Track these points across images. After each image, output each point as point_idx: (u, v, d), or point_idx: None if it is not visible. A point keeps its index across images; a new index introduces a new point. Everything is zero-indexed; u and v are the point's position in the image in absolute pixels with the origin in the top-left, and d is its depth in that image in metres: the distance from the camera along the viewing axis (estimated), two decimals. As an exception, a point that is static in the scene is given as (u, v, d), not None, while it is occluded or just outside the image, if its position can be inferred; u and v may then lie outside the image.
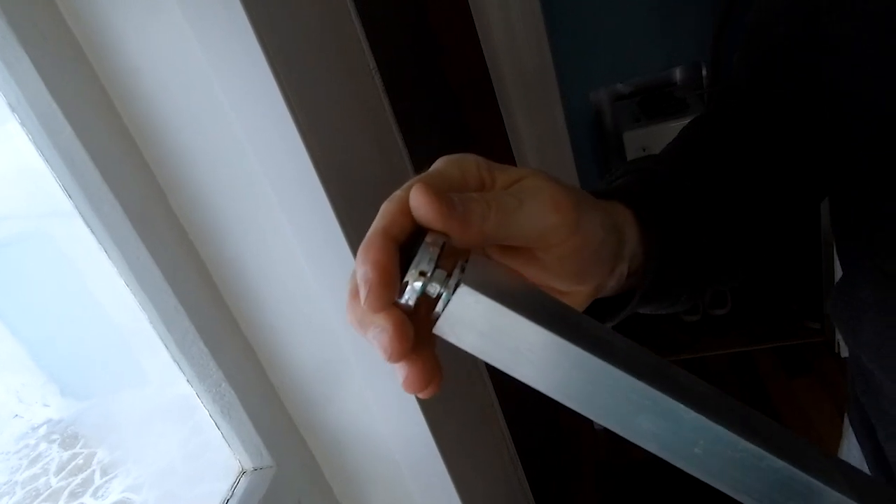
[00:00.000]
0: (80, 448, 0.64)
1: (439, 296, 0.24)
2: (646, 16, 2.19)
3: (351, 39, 0.81)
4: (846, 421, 0.55)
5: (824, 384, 1.89)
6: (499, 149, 1.77)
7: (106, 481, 0.63)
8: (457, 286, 0.23)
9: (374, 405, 0.74)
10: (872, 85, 0.35)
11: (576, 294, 0.30)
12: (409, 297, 0.24)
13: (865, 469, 0.50)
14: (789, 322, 2.14)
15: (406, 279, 0.24)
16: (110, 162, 0.57)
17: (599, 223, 0.29)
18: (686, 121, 0.47)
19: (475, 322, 0.24)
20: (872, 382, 0.44)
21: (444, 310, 0.24)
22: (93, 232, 0.57)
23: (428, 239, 0.24)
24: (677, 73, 2.27)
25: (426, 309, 0.24)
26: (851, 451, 0.53)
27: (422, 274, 0.23)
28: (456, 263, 0.25)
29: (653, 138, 2.02)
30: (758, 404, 1.92)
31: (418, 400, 0.72)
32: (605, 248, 0.30)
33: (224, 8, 0.53)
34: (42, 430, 0.62)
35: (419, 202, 0.24)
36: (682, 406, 0.23)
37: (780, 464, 0.22)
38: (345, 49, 0.79)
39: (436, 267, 0.24)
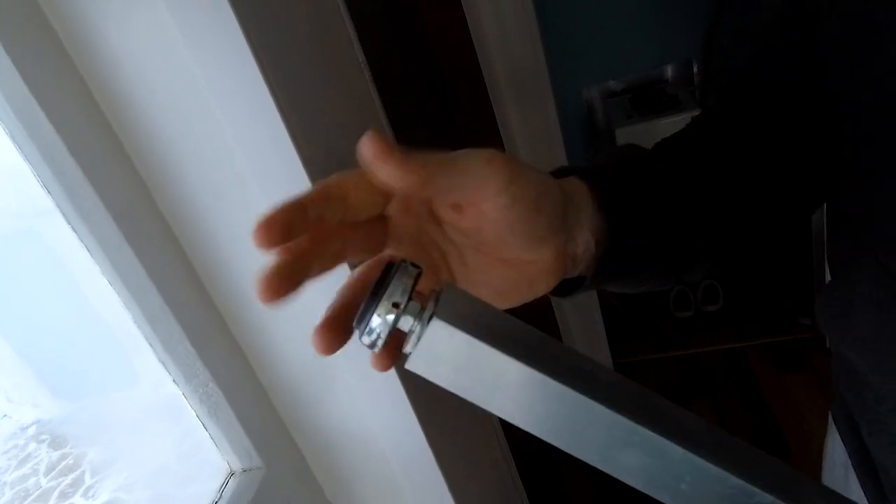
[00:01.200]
0: (70, 448, 0.63)
1: (411, 330, 0.23)
2: (638, 13, 2.19)
3: (339, 33, 0.80)
4: (830, 418, 0.56)
5: (816, 380, 1.90)
6: (491, 145, 1.76)
7: (97, 481, 0.62)
8: (430, 319, 0.22)
9: (364, 404, 0.73)
10: (877, 78, 0.34)
11: (541, 263, 0.32)
12: (380, 331, 0.23)
13: (850, 468, 0.50)
14: (781, 318, 2.15)
15: (378, 312, 0.23)
16: (92, 158, 0.56)
17: (535, 177, 0.30)
18: (677, 117, 0.48)
19: (449, 357, 0.23)
20: (858, 378, 0.44)
21: (416, 345, 0.23)
22: (74, 229, 0.56)
23: (401, 269, 0.23)
24: (669, 71, 2.27)
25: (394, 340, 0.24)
26: (836, 449, 0.53)
27: (394, 306, 0.23)
28: (430, 295, 0.24)
29: (644, 135, 2.03)
30: (749, 400, 1.93)
31: (410, 398, 0.71)
32: (547, 202, 0.31)
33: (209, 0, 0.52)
34: (31, 430, 0.61)
35: (367, 148, 0.24)
36: (667, 442, 0.22)
37: (770, 499, 0.22)
38: (333, 43, 0.78)
39: (409, 299, 0.23)
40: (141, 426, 0.70)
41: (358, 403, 0.73)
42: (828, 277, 0.45)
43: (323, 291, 0.67)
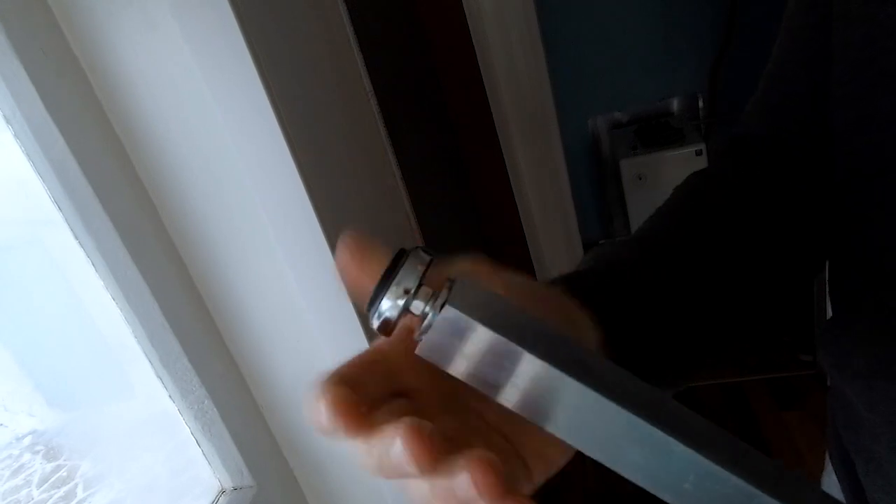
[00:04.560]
0: (64, 460, 0.63)
1: (423, 316, 0.23)
2: (645, 47, 2.23)
3: (349, 63, 0.82)
4: (827, 457, 0.55)
5: (815, 418, 1.89)
6: (496, 174, 1.78)
7: (88, 495, 0.62)
8: (442, 306, 0.22)
9: (358, 427, 0.73)
10: (880, 118, 0.35)
11: None
12: (390, 315, 0.22)
13: None
14: (781, 354, 2.13)
15: (388, 296, 0.22)
16: (103, 177, 0.57)
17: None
18: (681, 150, 0.46)
19: (459, 345, 0.22)
20: (854, 416, 0.44)
21: (427, 332, 0.22)
22: (82, 245, 0.57)
23: (413, 255, 0.23)
24: (674, 104, 2.30)
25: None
26: (831, 488, 0.53)
27: (405, 291, 0.22)
28: (443, 283, 0.23)
29: (648, 166, 2.04)
30: (749, 436, 1.91)
31: (403, 423, 0.71)
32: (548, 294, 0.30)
33: (222, 29, 0.54)
34: (26, 441, 0.61)
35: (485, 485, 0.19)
36: (672, 440, 0.22)
37: (773, 502, 0.22)
38: (343, 73, 0.80)
39: (420, 284, 0.22)
40: (135, 439, 0.70)
41: (351, 426, 0.73)
42: (829, 314, 0.45)
43: (320, 318, 0.67)
